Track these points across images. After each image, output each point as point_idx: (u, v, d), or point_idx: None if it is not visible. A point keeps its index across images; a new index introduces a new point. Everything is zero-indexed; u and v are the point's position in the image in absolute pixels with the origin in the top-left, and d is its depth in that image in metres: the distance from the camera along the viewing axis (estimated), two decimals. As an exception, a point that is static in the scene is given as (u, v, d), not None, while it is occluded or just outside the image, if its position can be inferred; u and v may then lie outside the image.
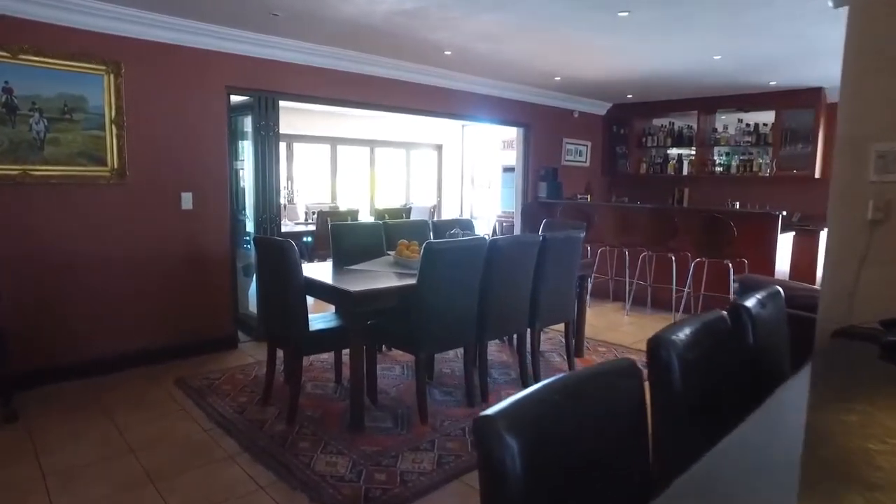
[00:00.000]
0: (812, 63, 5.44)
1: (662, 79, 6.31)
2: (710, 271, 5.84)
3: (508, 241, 3.54)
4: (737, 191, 7.44)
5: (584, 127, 8.16)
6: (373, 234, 4.45)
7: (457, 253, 3.24)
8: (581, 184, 8.13)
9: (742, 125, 7.27)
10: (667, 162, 8.04)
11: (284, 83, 4.91)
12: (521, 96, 7.11)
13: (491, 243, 3.42)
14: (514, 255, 3.58)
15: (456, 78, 6.27)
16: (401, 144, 10.99)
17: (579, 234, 4.05)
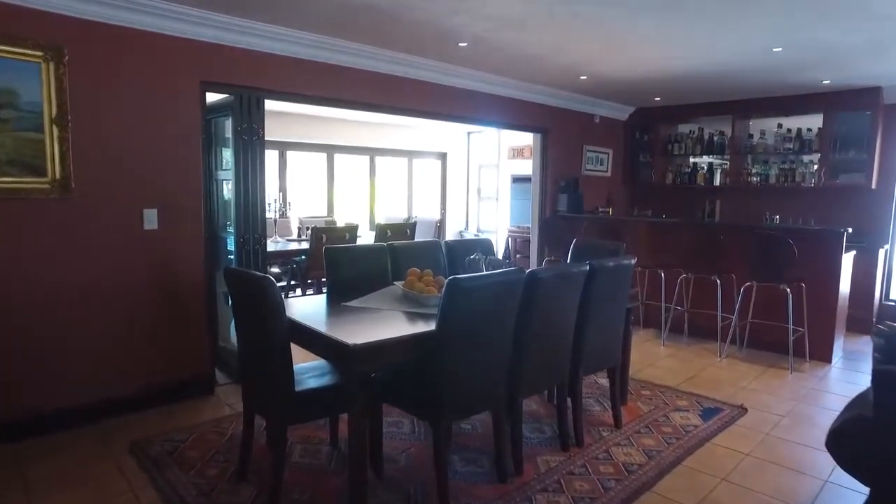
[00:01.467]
0: (877, 56, 4.71)
1: (702, 78, 5.58)
2: (762, 296, 5.09)
3: (551, 274, 2.78)
4: (775, 203, 6.71)
5: (606, 133, 7.44)
6: (376, 259, 3.69)
7: (489, 291, 2.48)
8: (602, 195, 7.40)
9: (782, 131, 6.55)
10: (695, 171, 7.32)
11: (271, 79, 4.17)
12: (540, 98, 6.39)
13: (530, 277, 2.67)
14: (557, 290, 2.83)
15: (469, 76, 5.54)
16: (402, 153, 10.27)
17: (630, 262, 3.30)
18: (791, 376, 4.65)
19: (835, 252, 4.89)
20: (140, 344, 3.64)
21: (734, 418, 3.72)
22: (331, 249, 3.52)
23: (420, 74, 5.18)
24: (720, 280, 5.11)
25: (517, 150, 9.72)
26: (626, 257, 3.30)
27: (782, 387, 4.38)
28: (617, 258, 3.29)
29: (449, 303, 2.37)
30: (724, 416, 3.74)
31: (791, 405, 4.00)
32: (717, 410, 3.82)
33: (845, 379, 4.64)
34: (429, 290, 3.03)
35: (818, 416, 3.84)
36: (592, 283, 3.03)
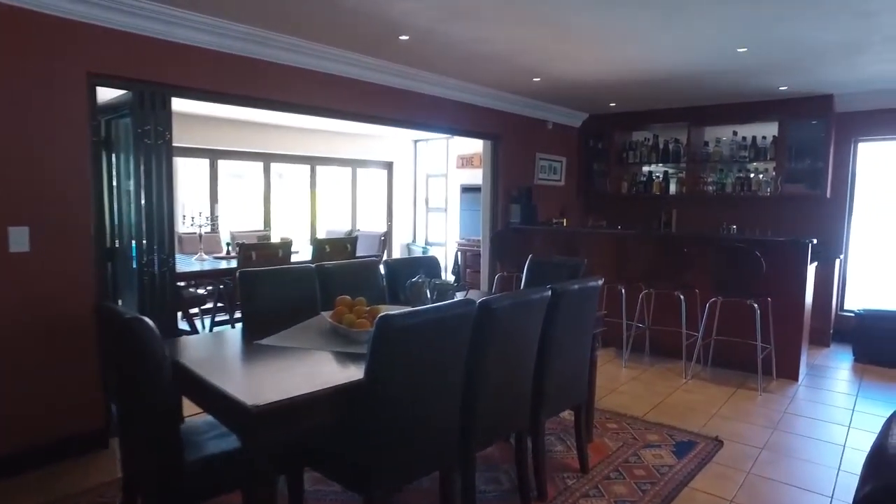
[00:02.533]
0: (843, 59, 4.51)
1: (660, 82, 5.29)
2: (727, 312, 4.79)
3: (507, 303, 2.30)
4: (732, 212, 6.50)
5: (559, 140, 7.10)
6: (302, 283, 3.14)
7: (431, 329, 1.99)
8: (556, 206, 7.04)
9: (738, 138, 6.36)
10: (651, 180, 7.06)
11: (180, 74, 3.58)
12: (491, 102, 5.98)
13: (482, 309, 2.18)
14: (514, 321, 2.36)
15: (414, 77, 5.07)
16: (346, 162, 9.70)
17: (597, 283, 2.87)
18: (761, 398, 4.33)
19: (801, 264, 4.63)
20: (13, 393, 2.96)
21: (710, 454, 3.33)
22: (245, 273, 2.96)
23: (360, 74, 4.67)
24: (684, 295, 4.78)
25: (466, 158, 9.31)
26: (591, 278, 2.86)
27: (755, 412, 4.05)
28: (582, 280, 2.85)
29: (379, 347, 1.86)
30: (699, 451, 3.35)
31: (767, 434, 3.66)
32: (691, 445, 3.43)
33: (814, 399, 4.36)
34: (360, 323, 2.52)
35: (797, 446, 3.50)
36: (556, 311, 2.58)
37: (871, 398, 4.40)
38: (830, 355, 5.61)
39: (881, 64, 4.66)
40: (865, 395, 4.48)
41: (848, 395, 4.46)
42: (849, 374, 5.03)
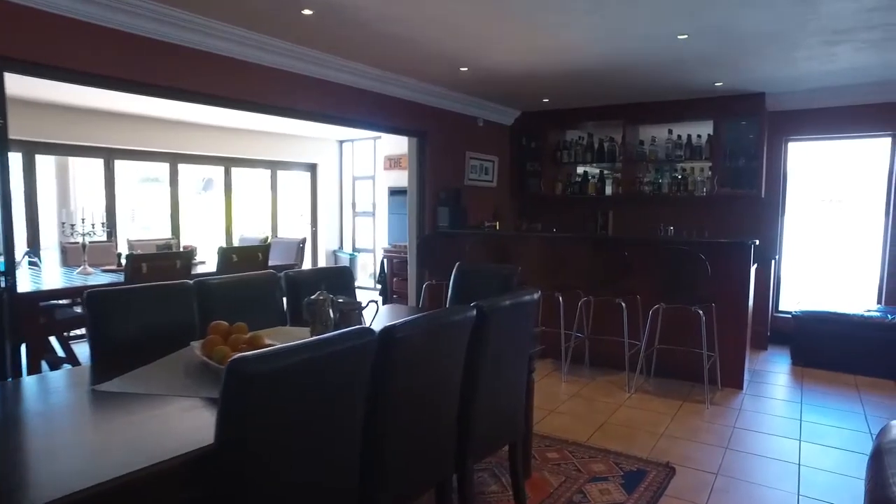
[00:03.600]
0: (777, 53, 4.31)
1: (596, 73, 4.95)
2: (670, 319, 4.48)
3: (418, 330, 1.78)
4: (669, 213, 6.28)
5: (491, 139, 6.69)
6: (172, 304, 2.53)
7: (309, 371, 1.45)
8: (488, 208, 6.63)
9: (673, 137, 6.14)
10: (586, 181, 6.76)
11: (25, 44, 2.89)
12: (416, 95, 5.49)
13: (384, 339, 1.66)
14: (428, 351, 1.86)
15: (329, 64, 4.52)
16: (265, 164, 8.96)
17: (533, 297, 2.40)
18: (708, 411, 4.03)
19: (744, 267, 4.38)
20: None
21: (663, 484, 2.94)
22: (94, 295, 2.32)
23: (263, 58, 4.09)
24: (625, 303, 4.43)
25: (394, 159, 8.77)
26: (526, 291, 2.40)
27: (703, 428, 3.72)
28: (515, 293, 2.37)
29: (230, 401, 1.31)
30: (650, 482, 2.96)
31: (719, 455, 3.32)
32: (641, 475, 3.03)
33: (761, 409, 4.10)
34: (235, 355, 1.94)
35: (752, 469, 3.17)
36: (483, 333, 2.09)
37: (814, 405, 4.18)
38: (769, 359, 5.44)
39: (812, 62, 4.54)
40: (809, 401, 4.26)
41: (792, 403, 4.23)
42: (789, 380, 4.84)
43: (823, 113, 5.72)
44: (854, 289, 5.87)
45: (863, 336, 4.97)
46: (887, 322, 4.93)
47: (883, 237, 5.68)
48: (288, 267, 5.86)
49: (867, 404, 4.21)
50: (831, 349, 5.08)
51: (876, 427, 3.77)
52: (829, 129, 5.78)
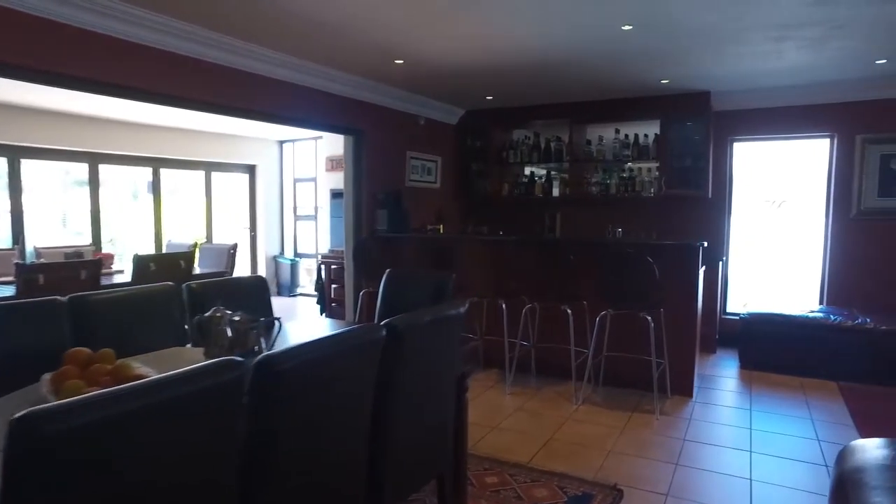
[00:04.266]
0: (717, 49, 4.18)
1: (539, 67, 4.71)
2: (618, 326, 4.27)
3: (306, 359, 1.44)
4: (618, 215, 6.12)
5: (433, 138, 6.40)
6: (38, 325, 2.13)
7: (146, 422, 1.10)
8: (431, 211, 6.33)
9: (620, 136, 5.98)
10: (533, 182, 6.55)
11: None
12: (351, 91, 5.14)
13: (260, 372, 1.33)
14: (321, 385, 1.52)
15: (258, 55, 4.16)
16: (198, 165, 8.43)
17: (459, 311, 2.10)
18: (658, 422, 3.83)
19: (693, 269, 4.22)
20: None
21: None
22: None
23: (180, 46, 3.68)
24: (571, 309, 4.20)
25: (336, 160, 8.37)
26: (452, 304, 2.10)
27: (653, 442, 3.51)
28: (436, 308, 2.07)
29: (19, 467, 0.95)
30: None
31: (670, 472, 3.10)
32: (586, 499, 2.78)
33: (711, 418, 3.92)
34: (91, 392, 1.57)
35: (703, 488, 2.96)
36: (396, 356, 1.78)
37: (763, 412, 4.05)
38: (718, 363, 5.32)
39: (757, 60, 4.45)
40: (758, 407, 4.13)
41: (742, 411, 4.08)
42: (738, 385, 4.71)
43: (767, 113, 5.68)
44: (799, 289, 5.84)
45: (807, 337, 4.91)
46: (830, 323, 4.88)
47: (824, 238, 5.67)
48: (217, 275, 5.43)
49: (813, 408, 4.10)
50: (777, 351, 5.00)
51: (823, 433, 3.65)
52: (773, 129, 5.74)
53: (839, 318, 4.88)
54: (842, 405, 4.19)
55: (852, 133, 5.46)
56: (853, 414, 3.99)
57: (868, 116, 5.36)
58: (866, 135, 5.42)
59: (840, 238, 5.53)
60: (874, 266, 5.39)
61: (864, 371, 4.69)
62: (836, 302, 5.50)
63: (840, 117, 5.46)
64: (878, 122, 5.35)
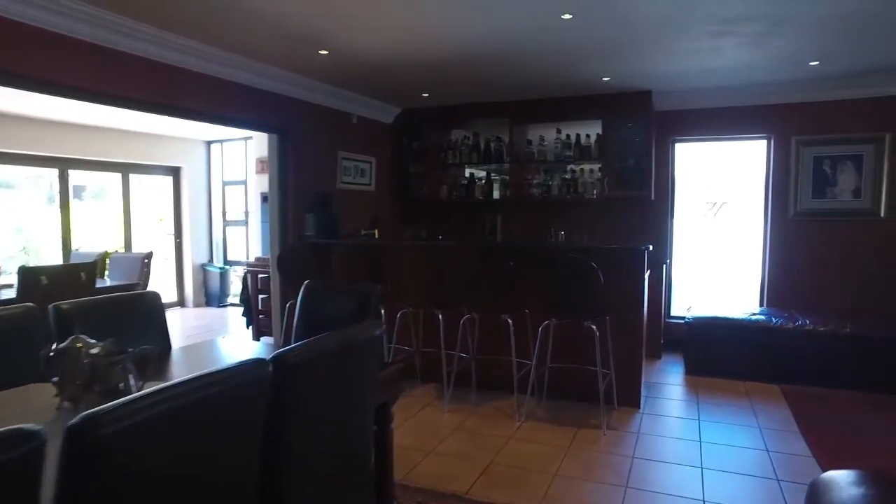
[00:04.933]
0: (654, 45, 4.02)
1: (476, 60, 4.43)
2: (561, 335, 4.03)
3: (154, 412, 1.07)
4: (560, 217, 5.93)
5: (368, 138, 6.04)
6: None
7: None
8: (366, 214, 5.96)
9: (562, 136, 5.79)
10: (473, 183, 6.28)
11: None
12: (274, 85, 4.73)
13: (72, 443, 0.94)
14: (181, 443, 1.15)
15: (170, 44, 3.71)
16: (113, 166, 7.75)
17: (375, 333, 1.76)
18: (605, 439, 3.59)
19: (638, 274, 4.02)
20: None
21: (554, 548, 2.41)
22: None
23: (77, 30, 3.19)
24: (512, 319, 3.93)
25: (266, 162, 7.88)
26: (365, 328, 1.76)
27: (601, 462, 3.26)
28: (348, 331, 1.72)
29: None
30: (539, 546, 2.42)
31: (619, 497, 2.86)
32: (528, 536, 2.49)
33: (660, 431, 3.72)
34: None
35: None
36: (288, 395, 1.42)
37: (712, 421, 3.89)
38: (663, 368, 5.18)
39: (697, 56, 4.33)
40: (706, 417, 3.97)
41: (690, 421, 3.91)
42: (685, 392, 4.56)
43: (707, 113, 5.61)
44: (741, 291, 5.80)
45: (749, 340, 4.83)
46: (771, 326, 4.81)
47: (763, 239, 5.64)
48: (128, 288, 4.90)
49: (760, 415, 3.98)
50: (722, 355, 4.90)
51: (771, 442, 3.52)
52: (713, 130, 5.68)
53: (780, 321, 4.83)
54: (786, 410, 4.09)
55: (788, 135, 5.46)
56: (797, 419, 3.89)
57: (802, 118, 5.37)
58: (800, 137, 5.42)
59: (778, 240, 5.51)
60: (811, 267, 5.39)
61: (804, 373, 4.64)
62: (776, 303, 5.48)
63: (776, 119, 5.45)
64: (811, 125, 5.36)
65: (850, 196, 5.33)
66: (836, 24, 3.64)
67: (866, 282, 5.23)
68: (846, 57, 4.38)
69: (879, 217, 5.22)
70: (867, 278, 5.23)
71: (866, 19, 3.55)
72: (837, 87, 5.14)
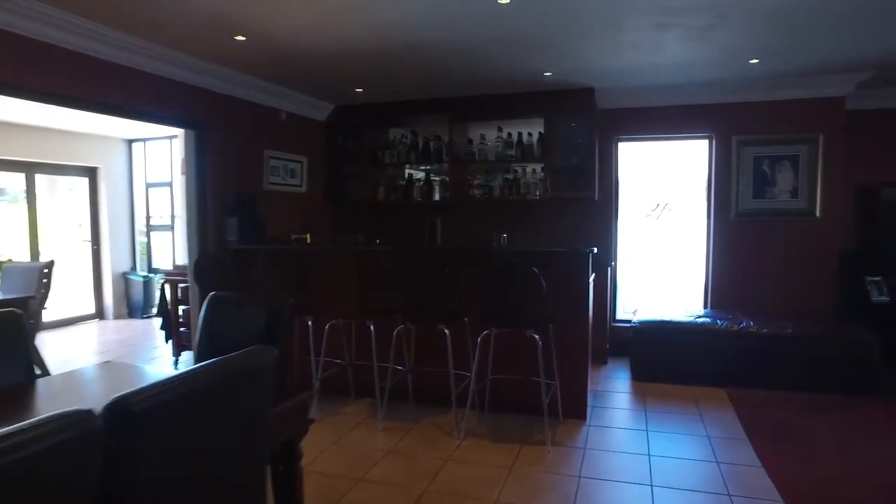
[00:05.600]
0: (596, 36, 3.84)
1: (410, 52, 4.14)
2: (503, 345, 3.77)
3: None
4: (502, 220, 5.67)
5: (298, 136, 5.65)
6: None
7: None
8: (297, 217, 5.57)
9: (503, 135, 5.56)
10: (412, 184, 5.98)
11: None
12: (189, 76, 4.30)
13: None
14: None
15: (53, 22, 3.21)
16: (14, 165, 7.03)
17: (259, 362, 1.42)
18: (550, 456, 3.35)
19: (583, 279, 3.81)
20: None
21: (492, 593, 2.13)
22: None
23: None
24: (449, 329, 3.64)
25: (191, 161, 7.35)
26: (250, 355, 1.41)
27: (546, 484, 3.01)
28: (230, 360, 1.37)
29: None
30: (476, 591, 2.13)
31: (564, 524, 2.61)
32: (464, 580, 2.20)
33: (607, 446, 3.51)
34: None
35: (604, 541, 2.49)
36: (137, 455, 1.07)
37: (660, 432, 3.72)
38: (610, 375, 5.01)
39: (639, 50, 4.18)
40: (654, 427, 3.79)
41: (638, 433, 3.72)
42: (632, 401, 4.38)
43: (650, 112, 5.51)
44: (686, 293, 5.72)
45: (695, 344, 4.72)
46: (716, 328, 4.71)
47: (706, 240, 5.58)
48: (17, 303, 4.35)
49: (708, 422, 3.84)
50: (668, 360, 4.77)
51: (720, 452, 3.37)
52: (656, 129, 5.58)
53: (725, 323, 4.74)
54: (733, 416, 3.97)
55: (729, 134, 5.41)
56: (745, 426, 3.77)
57: (742, 118, 5.33)
58: (740, 136, 5.39)
59: (721, 241, 5.45)
60: (753, 268, 5.35)
61: (749, 375, 4.57)
62: (721, 305, 5.41)
63: (717, 118, 5.39)
64: (751, 124, 5.33)
65: (788, 196, 5.32)
66: (778, 20, 3.54)
67: (805, 282, 5.23)
68: (785, 56, 4.33)
69: (815, 217, 5.23)
70: (805, 278, 5.23)
71: (808, 15, 3.46)
72: (775, 88, 5.12)
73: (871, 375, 4.40)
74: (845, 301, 5.17)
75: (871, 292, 5.02)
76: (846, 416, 3.99)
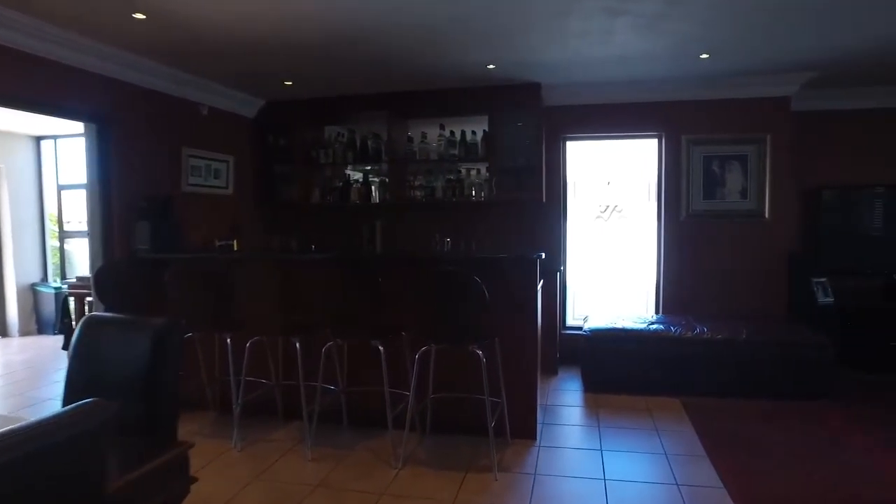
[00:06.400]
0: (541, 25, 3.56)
1: (340, 37, 3.75)
2: (445, 361, 3.42)
3: None
4: (446, 223, 5.37)
5: (223, 133, 5.16)
6: None
7: None
8: (223, 222, 5.07)
9: (446, 133, 5.23)
10: (349, 186, 5.57)
11: None
12: (85, 59, 3.78)
13: None
14: None
15: None
16: None
17: (83, 426, 1.01)
18: (497, 484, 3.02)
19: (530, 286, 3.50)
20: None
21: None
22: None
23: None
24: (384, 345, 3.26)
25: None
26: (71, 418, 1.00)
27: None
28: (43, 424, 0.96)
29: None
30: None
31: (512, 570, 2.27)
32: None
33: (559, 470, 3.20)
34: None
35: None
36: None
37: (616, 451, 3.45)
38: (560, 387, 4.74)
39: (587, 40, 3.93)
40: (609, 446, 3.52)
41: (592, 453, 3.43)
42: (585, 416, 4.11)
43: (598, 110, 5.30)
44: (637, 298, 5.53)
45: (648, 352, 4.50)
46: (669, 335, 4.51)
47: (657, 242, 5.41)
48: None
49: (664, 437, 3.61)
50: (621, 369, 4.54)
51: (679, 471, 3.13)
52: (604, 127, 5.38)
53: (678, 330, 4.54)
54: (690, 429, 3.75)
55: (678, 133, 5.26)
56: (702, 440, 3.56)
57: (691, 117, 5.19)
58: (690, 136, 5.25)
59: (672, 242, 5.29)
60: (704, 271, 5.21)
61: (704, 382, 4.40)
62: (672, 309, 5.24)
63: (666, 117, 5.23)
64: (700, 123, 5.20)
65: (738, 196, 5.21)
66: (725, 8, 3.35)
67: (757, 284, 5.12)
68: (734, 52, 4.19)
69: (765, 218, 5.13)
70: (757, 280, 5.12)
71: (754, 4, 3.29)
72: (724, 87, 5.00)
73: (825, 379, 4.29)
74: (797, 303, 5.09)
75: (817, 294, 4.95)
76: (803, 422, 3.85)
